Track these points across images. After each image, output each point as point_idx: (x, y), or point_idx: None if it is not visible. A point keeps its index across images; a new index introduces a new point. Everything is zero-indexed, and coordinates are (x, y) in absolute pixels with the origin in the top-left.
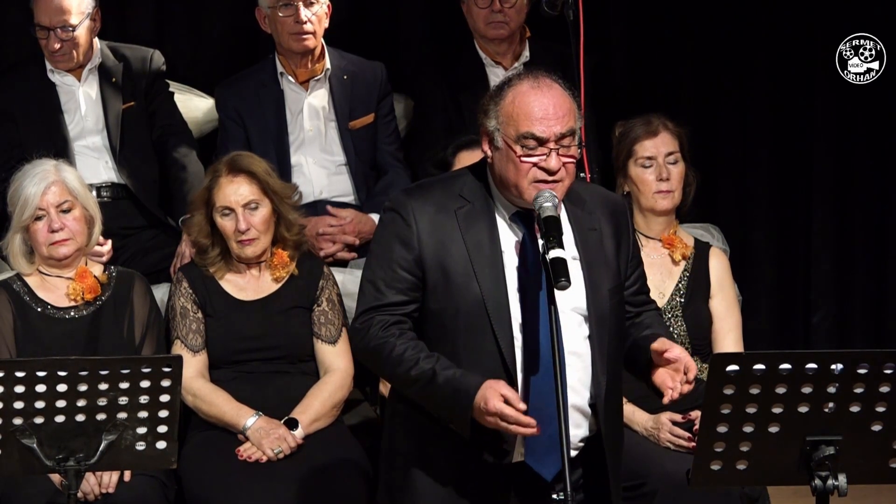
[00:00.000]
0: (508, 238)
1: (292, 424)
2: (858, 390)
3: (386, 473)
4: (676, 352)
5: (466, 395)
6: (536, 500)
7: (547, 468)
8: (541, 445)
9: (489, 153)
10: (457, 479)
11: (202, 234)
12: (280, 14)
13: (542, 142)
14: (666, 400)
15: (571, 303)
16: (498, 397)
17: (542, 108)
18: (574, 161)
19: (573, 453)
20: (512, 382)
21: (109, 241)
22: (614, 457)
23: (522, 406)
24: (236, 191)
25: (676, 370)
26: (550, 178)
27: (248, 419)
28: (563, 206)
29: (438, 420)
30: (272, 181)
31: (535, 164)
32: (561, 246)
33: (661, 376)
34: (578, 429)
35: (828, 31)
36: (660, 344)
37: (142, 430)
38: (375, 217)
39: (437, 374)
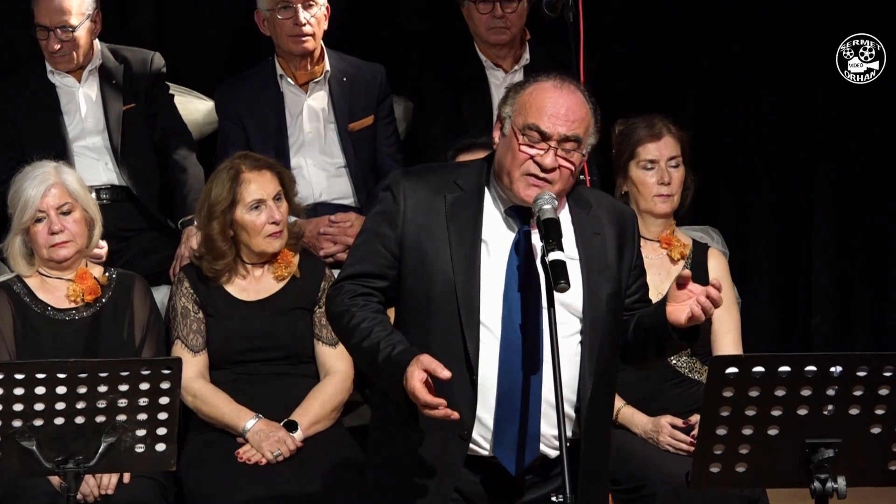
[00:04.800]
0: (502, 232)
1: (292, 427)
2: (858, 393)
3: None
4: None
5: (399, 371)
6: (507, 497)
7: (512, 462)
8: (508, 439)
9: (496, 140)
10: (424, 472)
11: (223, 240)
12: (279, 16)
13: (544, 137)
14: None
15: (565, 302)
16: (416, 375)
17: (555, 105)
18: (571, 169)
19: (553, 453)
20: (472, 372)
21: (105, 244)
22: (594, 462)
23: (446, 374)
24: (267, 183)
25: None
26: (542, 175)
27: (248, 421)
28: (566, 207)
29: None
30: (286, 176)
31: (531, 157)
32: (561, 248)
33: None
34: (554, 428)
35: (828, 31)
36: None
37: (141, 433)
38: None
39: (380, 349)
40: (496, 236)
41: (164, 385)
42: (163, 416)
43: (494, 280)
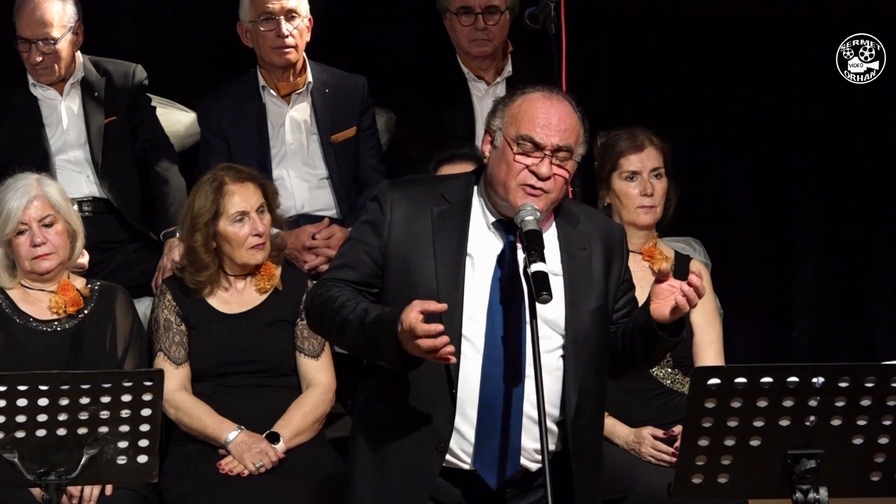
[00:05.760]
0: (489, 244)
1: (274, 438)
2: (840, 404)
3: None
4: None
5: (391, 323)
6: None
7: (493, 476)
8: (489, 453)
9: (487, 153)
10: (398, 481)
11: (206, 252)
12: (261, 28)
13: (538, 147)
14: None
15: (547, 317)
16: (412, 314)
17: (546, 115)
18: (565, 178)
19: (534, 466)
20: (452, 385)
21: (86, 254)
22: (584, 477)
23: (442, 307)
24: (250, 195)
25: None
26: (538, 185)
27: (230, 433)
28: (552, 221)
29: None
30: (270, 188)
31: (526, 167)
32: (543, 260)
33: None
34: (535, 442)
35: (828, 32)
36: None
37: (123, 444)
38: None
39: (368, 312)
40: (482, 249)
41: (146, 397)
42: (145, 427)
43: (479, 294)
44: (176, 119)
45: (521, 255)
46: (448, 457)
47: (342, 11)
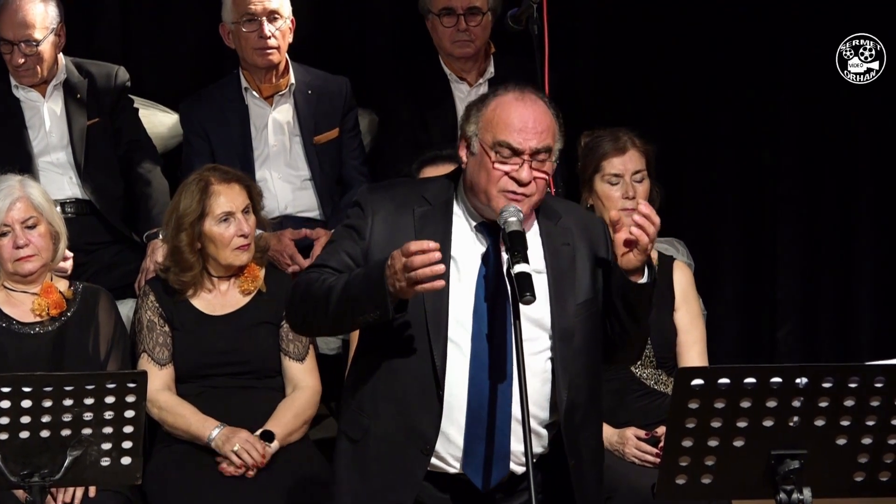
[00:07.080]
0: (472, 247)
1: (268, 437)
2: (823, 404)
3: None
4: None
5: (378, 267)
6: None
7: (482, 479)
8: (478, 456)
9: (464, 158)
10: (382, 484)
11: (191, 252)
12: (244, 29)
13: (516, 152)
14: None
15: (532, 316)
16: (403, 247)
17: (522, 119)
18: (546, 179)
19: (520, 469)
20: (439, 388)
21: (71, 256)
22: (582, 475)
23: (434, 244)
24: (236, 196)
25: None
26: (520, 190)
27: (213, 430)
28: (534, 219)
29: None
30: (255, 190)
31: (506, 173)
32: (526, 261)
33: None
34: (521, 445)
35: (828, 31)
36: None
37: (106, 446)
38: None
39: (354, 272)
40: (465, 252)
41: (130, 398)
42: (128, 429)
43: (464, 297)
44: (159, 121)
45: (504, 257)
46: (434, 460)
47: (325, 12)
